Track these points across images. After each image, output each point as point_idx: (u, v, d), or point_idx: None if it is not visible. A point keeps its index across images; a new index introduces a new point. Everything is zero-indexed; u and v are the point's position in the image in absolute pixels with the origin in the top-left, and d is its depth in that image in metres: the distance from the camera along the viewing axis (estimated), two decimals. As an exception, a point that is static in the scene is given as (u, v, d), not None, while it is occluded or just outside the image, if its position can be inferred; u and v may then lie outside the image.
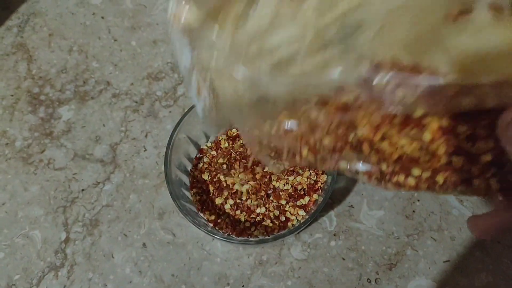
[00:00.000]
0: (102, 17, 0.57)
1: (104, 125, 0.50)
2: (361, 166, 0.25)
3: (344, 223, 0.45)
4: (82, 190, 0.47)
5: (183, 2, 0.26)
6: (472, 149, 0.22)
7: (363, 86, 0.21)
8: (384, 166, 0.24)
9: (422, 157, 0.23)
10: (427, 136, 0.22)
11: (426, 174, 0.23)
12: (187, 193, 0.43)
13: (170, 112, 0.51)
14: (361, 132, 0.23)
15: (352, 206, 0.46)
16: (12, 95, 0.52)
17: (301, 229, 0.39)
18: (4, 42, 0.56)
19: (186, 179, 0.44)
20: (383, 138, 0.23)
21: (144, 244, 0.44)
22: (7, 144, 0.49)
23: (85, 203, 0.47)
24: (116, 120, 0.51)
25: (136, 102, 0.52)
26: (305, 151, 0.26)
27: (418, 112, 0.22)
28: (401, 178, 0.24)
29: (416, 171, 0.23)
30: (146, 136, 0.50)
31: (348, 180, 0.47)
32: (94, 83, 0.53)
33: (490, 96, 0.19)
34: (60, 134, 0.50)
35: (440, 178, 0.23)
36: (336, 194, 0.46)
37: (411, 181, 0.24)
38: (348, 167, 0.25)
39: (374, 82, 0.21)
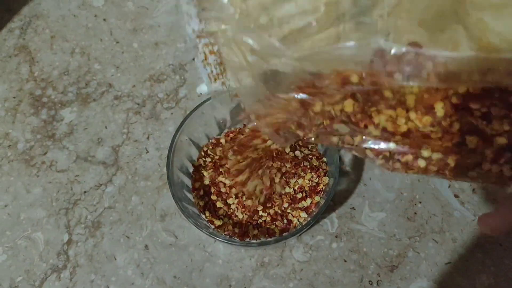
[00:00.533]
0: (104, 19, 0.57)
1: (106, 127, 0.51)
2: (369, 143, 0.24)
3: (345, 225, 0.45)
4: (84, 192, 0.47)
5: None
6: (487, 128, 0.21)
7: (378, 59, 0.21)
8: (392, 144, 0.23)
9: (434, 134, 0.22)
10: (440, 110, 0.22)
11: (436, 156, 0.22)
12: (189, 195, 0.43)
13: (172, 114, 0.51)
14: (373, 104, 0.23)
15: (353, 208, 0.46)
16: (14, 97, 0.52)
17: (303, 231, 0.39)
18: (7, 44, 0.56)
19: (188, 181, 0.44)
20: (393, 110, 0.22)
21: (146, 246, 0.44)
22: (9, 146, 0.50)
23: (87, 205, 0.47)
24: (118, 122, 0.51)
25: (138, 104, 0.52)
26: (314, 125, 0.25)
27: (433, 86, 0.21)
28: (409, 158, 0.23)
29: (426, 152, 0.22)
30: (148, 138, 0.50)
31: (349, 182, 0.47)
32: (96, 85, 0.53)
33: (510, 75, 0.19)
34: (62, 136, 0.50)
35: (451, 160, 0.22)
36: (337, 196, 0.46)
37: (421, 162, 0.23)
38: (356, 144, 0.24)
39: (392, 52, 0.20)
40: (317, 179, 0.42)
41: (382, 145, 0.24)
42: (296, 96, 0.25)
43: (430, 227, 0.45)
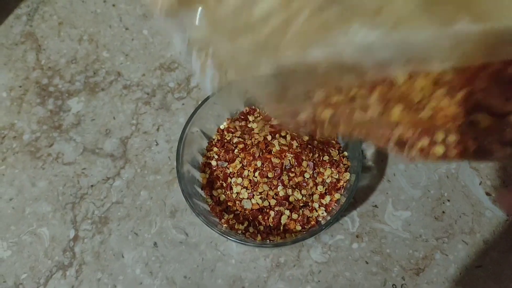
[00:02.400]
0: (113, 5, 0.55)
1: (114, 117, 0.48)
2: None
3: (367, 224, 0.42)
4: (91, 186, 0.45)
5: None
6: (506, 107, 0.20)
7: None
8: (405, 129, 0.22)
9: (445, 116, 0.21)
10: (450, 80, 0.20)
11: (452, 138, 0.21)
12: (200, 191, 0.41)
13: (183, 104, 0.48)
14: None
15: (376, 206, 0.43)
16: (20, 86, 0.50)
17: (322, 230, 0.36)
18: (13, 31, 0.54)
19: (199, 176, 0.42)
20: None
21: (155, 244, 0.42)
22: (14, 137, 0.48)
23: (95, 200, 0.44)
24: (127, 112, 0.48)
25: (148, 94, 0.49)
26: (326, 112, 0.24)
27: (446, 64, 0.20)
28: (425, 142, 0.21)
29: (440, 135, 0.21)
30: (158, 129, 0.47)
31: (372, 177, 0.44)
32: (105, 74, 0.51)
33: None
34: (69, 127, 0.48)
35: (470, 144, 0.21)
36: (359, 193, 0.43)
37: (438, 149, 0.21)
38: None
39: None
40: (337, 175, 0.39)
41: (395, 131, 0.23)
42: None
43: (459, 227, 0.42)
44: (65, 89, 0.50)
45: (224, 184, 0.40)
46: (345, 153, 0.40)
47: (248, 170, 0.39)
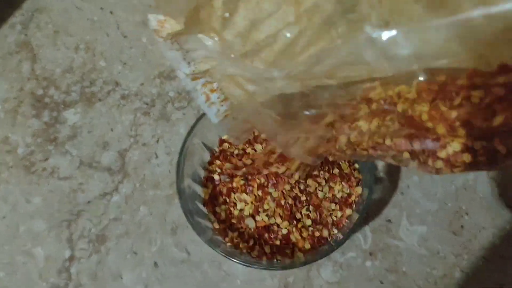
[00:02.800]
0: (111, 12, 0.53)
1: (112, 129, 0.46)
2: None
3: (381, 240, 0.40)
4: (88, 202, 0.43)
5: (158, 17, 0.25)
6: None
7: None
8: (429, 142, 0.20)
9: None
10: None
11: (478, 144, 0.19)
12: (202, 207, 0.38)
13: (184, 114, 0.46)
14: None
15: (389, 221, 0.40)
16: (15, 98, 0.48)
17: (334, 250, 0.33)
18: (8, 41, 0.52)
19: (200, 191, 0.39)
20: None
21: (155, 263, 0.40)
22: (8, 151, 0.46)
23: (92, 217, 0.42)
24: (125, 124, 0.46)
25: (147, 103, 0.47)
26: (342, 139, 0.24)
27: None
28: (450, 149, 0.20)
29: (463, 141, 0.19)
30: (157, 141, 0.45)
31: (384, 190, 0.41)
32: (102, 84, 0.49)
33: None
34: (65, 140, 0.46)
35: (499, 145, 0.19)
36: (371, 206, 0.41)
37: (466, 157, 0.20)
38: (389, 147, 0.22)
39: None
40: (348, 189, 0.37)
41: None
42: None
43: (479, 242, 0.39)
44: (61, 100, 0.48)
45: (228, 200, 0.38)
46: (356, 165, 0.38)
47: (252, 186, 0.36)
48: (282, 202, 0.36)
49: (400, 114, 0.21)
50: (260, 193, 0.36)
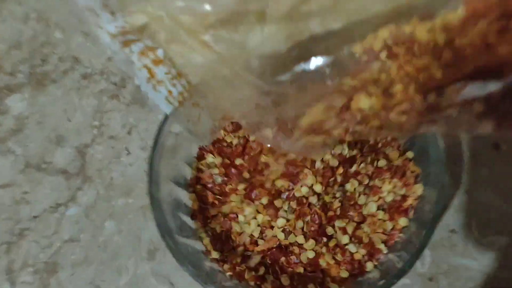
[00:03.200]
0: (71, -27, 0.41)
1: (69, 119, 0.35)
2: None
3: (443, 260, 0.28)
4: (35, 217, 0.32)
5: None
6: None
7: None
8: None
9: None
10: None
11: None
12: (189, 221, 0.27)
13: (164, 96, 0.35)
14: None
15: (453, 231, 0.29)
16: None
17: (392, 284, 0.22)
18: None
19: (187, 198, 0.28)
20: None
21: (126, 303, 0.28)
22: None
23: (39, 237, 0.31)
24: (87, 111, 0.35)
25: (116, 84, 0.36)
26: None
27: None
28: None
29: None
30: (129, 132, 0.34)
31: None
32: (57, 61, 0.37)
33: None
34: (7, 135, 0.35)
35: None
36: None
37: None
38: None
39: None
40: (402, 190, 0.25)
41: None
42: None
43: None
44: (4, 84, 0.37)
45: (225, 210, 0.26)
46: (409, 154, 0.26)
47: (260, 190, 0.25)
48: (306, 211, 0.24)
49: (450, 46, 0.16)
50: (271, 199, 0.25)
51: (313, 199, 0.25)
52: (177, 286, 0.29)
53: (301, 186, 0.25)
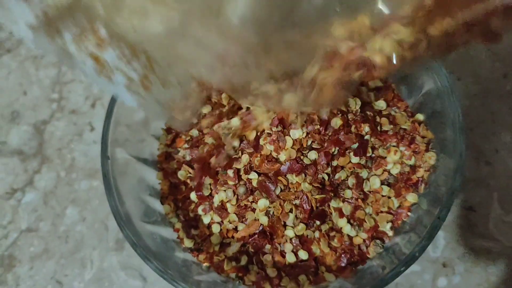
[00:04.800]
0: None
1: (25, 92, 0.30)
2: None
3: (460, 242, 0.24)
4: (-13, 205, 0.27)
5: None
6: None
7: None
8: None
9: None
10: None
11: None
12: (158, 205, 0.23)
13: (133, 63, 0.30)
14: None
15: (472, 209, 0.24)
16: None
17: (398, 272, 0.18)
18: None
19: (154, 178, 0.23)
20: None
21: (90, 300, 0.24)
22: None
23: (-8, 228, 0.27)
24: (45, 83, 0.30)
25: (78, 51, 0.31)
26: None
27: None
28: None
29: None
30: (93, 105, 0.29)
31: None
32: (12, 28, 0.32)
33: None
34: (-44, 113, 0.30)
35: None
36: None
37: None
38: None
39: None
40: (412, 159, 0.20)
41: None
42: None
43: None
44: (-48, 55, 0.32)
45: (200, 190, 0.22)
46: (419, 116, 0.21)
47: (239, 161, 0.21)
48: (295, 188, 0.20)
49: None
50: (251, 174, 0.20)
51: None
52: (149, 280, 0.25)
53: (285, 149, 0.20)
